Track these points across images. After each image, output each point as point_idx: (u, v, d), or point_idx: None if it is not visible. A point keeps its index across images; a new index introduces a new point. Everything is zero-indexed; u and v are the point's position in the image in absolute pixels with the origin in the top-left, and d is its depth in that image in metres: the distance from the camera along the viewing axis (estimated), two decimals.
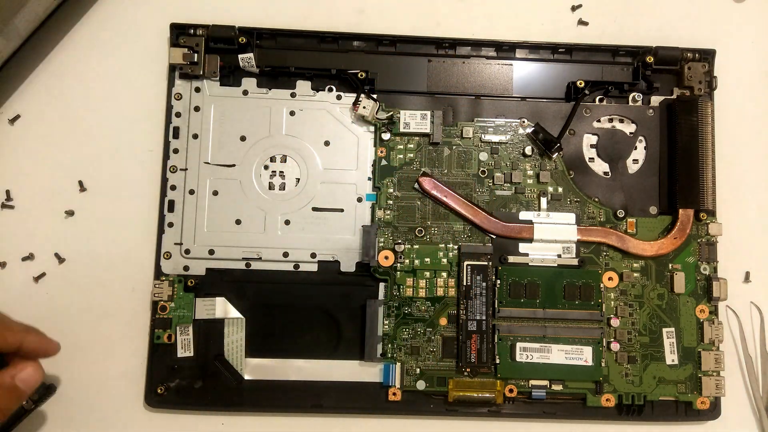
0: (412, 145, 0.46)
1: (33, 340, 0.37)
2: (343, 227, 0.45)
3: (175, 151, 0.45)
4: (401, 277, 0.45)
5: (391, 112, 0.46)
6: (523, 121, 0.46)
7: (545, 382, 0.44)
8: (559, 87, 0.47)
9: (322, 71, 0.46)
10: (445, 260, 0.45)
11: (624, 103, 0.47)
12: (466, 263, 0.45)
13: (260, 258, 0.45)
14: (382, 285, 0.45)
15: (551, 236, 0.45)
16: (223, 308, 0.44)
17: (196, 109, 0.45)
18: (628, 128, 0.47)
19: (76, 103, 0.46)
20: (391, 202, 0.45)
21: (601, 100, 0.47)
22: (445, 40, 0.46)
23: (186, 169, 0.45)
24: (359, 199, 0.45)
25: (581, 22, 0.49)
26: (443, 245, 0.45)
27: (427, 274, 0.45)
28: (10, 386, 0.36)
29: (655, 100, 0.47)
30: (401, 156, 0.46)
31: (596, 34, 0.49)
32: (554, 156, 0.46)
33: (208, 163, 0.45)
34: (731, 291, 0.46)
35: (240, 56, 0.45)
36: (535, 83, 0.47)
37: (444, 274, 0.45)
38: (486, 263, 0.45)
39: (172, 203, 0.45)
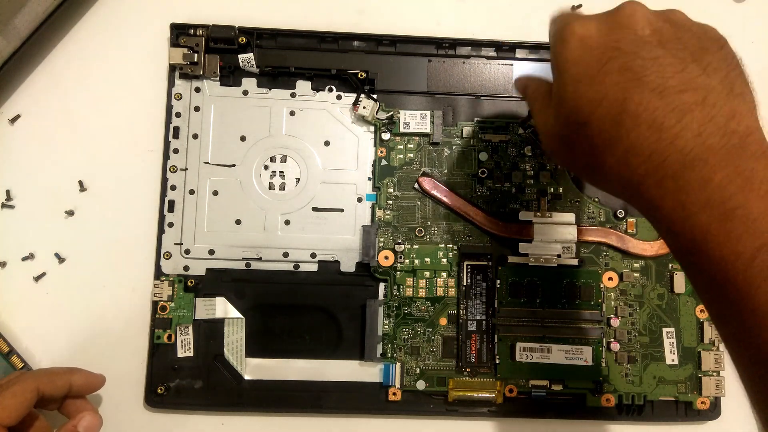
0: (412, 145, 0.46)
1: (79, 377, 0.39)
2: (343, 227, 0.45)
3: (175, 151, 0.45)
4: (401, 277, 0.45)
5: (391, 112, 0.46)
6: (525, 123, 0.46)
7: (545, 382, 0.44)
8: None
9: (322, 71, 0.46)
10: (445, 260, 0.45)
11: None
12: (466, 263, 0.45)
13: (260, 258, 0.45)
14: (382, 285, 0.45)
15: (551, 236, 0.45)
16: (223, 308, 0.44)
17: (196, 109, 0.45)
18: None
19: (76, 103, 0.46)
20: (391, 202, 0.45)
21: None
22: (445, 40, 0.46)
23: (186, 169, 0.45)
24: (359, 199, 0.45)
25: None
26: (443, 245, 0.45)
27: (427, 274, 0.45)
28: None
29: None
30: (401, 156, 0.46)
31: None
32: None
33: (208, 163, 0.45)
34: None
35: (240, 56, 0.45)
36: None
37: (444, 274, 0.45)
38: (486, 263, 0.45)
39: (172, 203, 0.45)
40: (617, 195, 0.29)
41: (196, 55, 0.45)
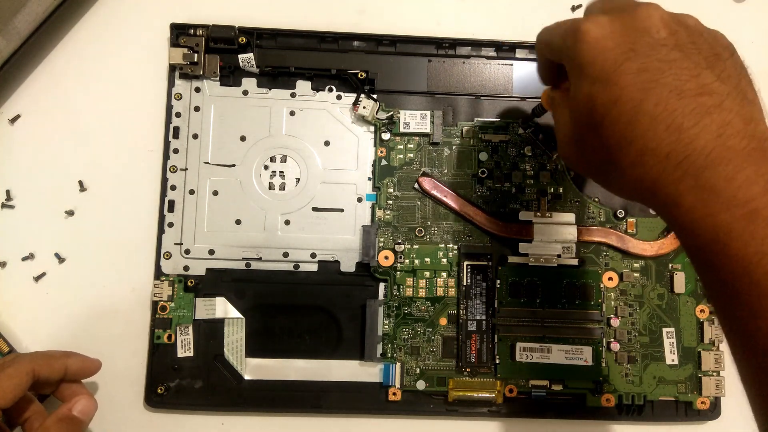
0: (412, 145, 0.46)
1: (75, 361, 0.39)
2: (343, 227, 0.45)
3: (175, 151, 0.45)
4: (401, 277, 0.45)
5: (391, 112, 0.46)
6: (527, 122, 0.46)
7: (545, 382, 0.44)
8: None
9: (322, 71, 0.46)
10: (445, 260, 0.45)
11: None
12: (466, 263, 0.45)
13: (260, 258, 0.45)
14: (382, 285, 0.45)
15: (551, 236, 0.45)
16: (223, 308, 0.44)
17: (196, 109, 0.45)
18: None
19: (76, 103, 0.46)
20: (391, 202, 0.45)
21: None
22: (445, 40, 0.46)
23: (186, 169, 0.45)
24: (359, 199, 0.45)
25: None
26: (443, 245, 0.45)
27: (427, 274, 0.45)
28: (70, 418, 0.37)
29: None
30: (401, 156, 0.46)
31: None
32: (554, 156, 0.46)
33: (208, 163, 0.45)
34: None
35: (240, 56, 0.45)
36: (535, 83, 0.47)
37: (444, 274, 0.45)
38: (486, 263, 0.45)
39: (172, 203, 0.45)
40: (631, 197, 0.29)
41: (196, 55, 0.45)
